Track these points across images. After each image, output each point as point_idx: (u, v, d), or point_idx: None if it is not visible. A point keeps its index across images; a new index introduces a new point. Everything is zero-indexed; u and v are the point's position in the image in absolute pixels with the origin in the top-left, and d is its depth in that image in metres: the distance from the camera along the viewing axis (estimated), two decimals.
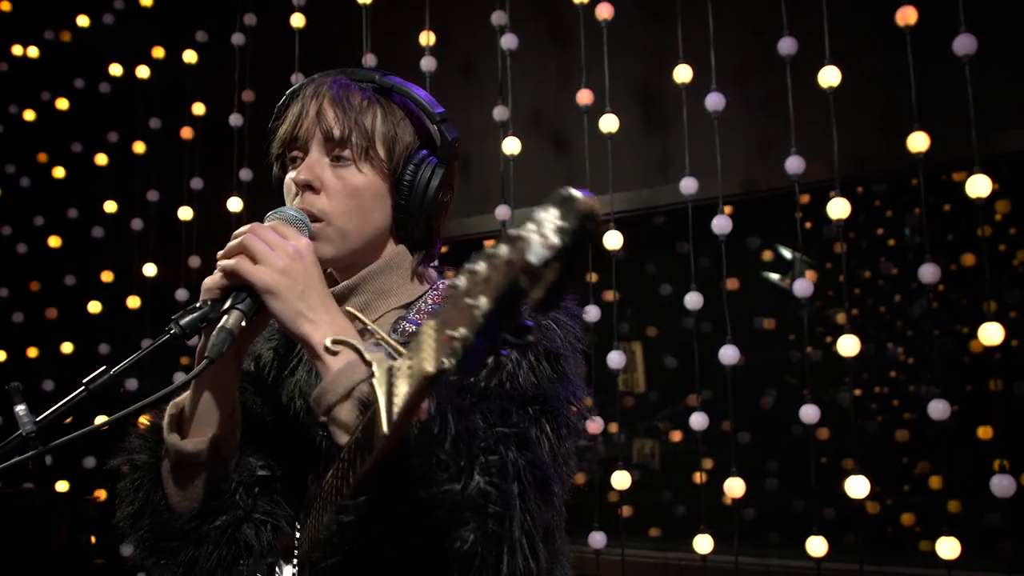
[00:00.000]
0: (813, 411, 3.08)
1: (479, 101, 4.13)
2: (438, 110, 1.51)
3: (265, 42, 4.51)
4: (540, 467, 1.24)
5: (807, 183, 3.29)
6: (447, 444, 1.16)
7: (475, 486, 1.16)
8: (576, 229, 0.72)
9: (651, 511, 4.24)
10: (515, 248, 0.76)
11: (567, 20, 3.97)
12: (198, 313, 1.29)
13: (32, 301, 5.24)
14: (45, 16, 5.43)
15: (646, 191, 3.88)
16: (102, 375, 1.24)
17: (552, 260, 0.73)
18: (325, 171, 1.46)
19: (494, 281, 0.78)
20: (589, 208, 0.72)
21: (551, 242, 0.72)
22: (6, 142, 5.50)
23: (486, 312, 0.79)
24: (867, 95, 3.38)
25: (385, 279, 1.52)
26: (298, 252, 1.31)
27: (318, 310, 1.29)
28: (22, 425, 1.18)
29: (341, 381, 1.24)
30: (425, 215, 1.51)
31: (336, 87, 1.49)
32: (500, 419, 1.24)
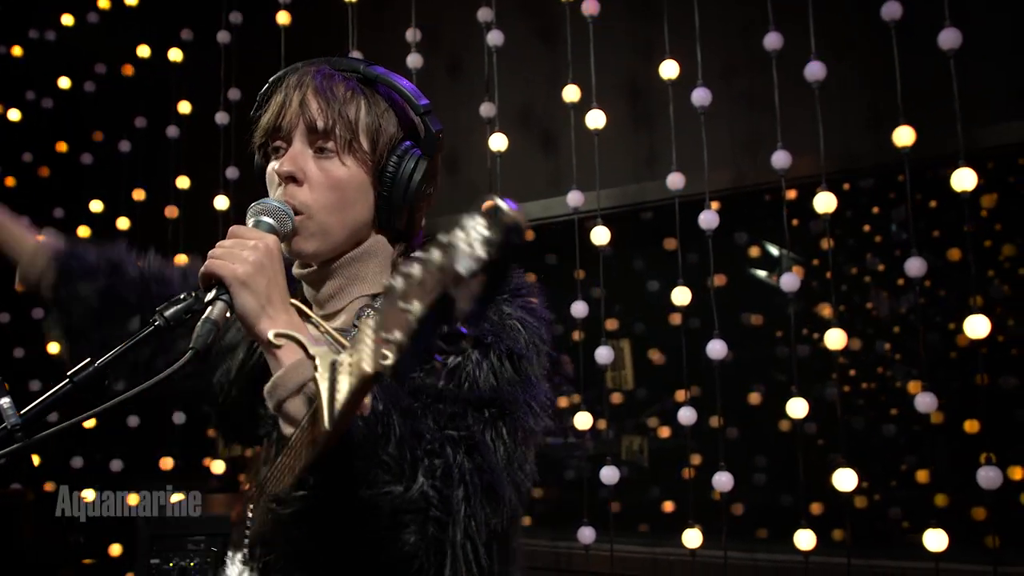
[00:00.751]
0: (801, 406, 3.09)
1: (466, 98, 4.12)
2: (422, 102, 1.51)
3: (251, 40, 4.50)
4: (489, 471, 1.24)
5: (794, 178, 3.29)
6: (391, 446, 1.17)
7: (417, 489, 1.17)
8: (501, 242, 0.72)
9: (640, 507, 4.24)
10: (446, 255, 0.76)
11: (553, 17, 3.97)
12: (182, 304, 1.30)
13: (18, 301, 5.21)
14: (30, 15, 5.40)
15: (633, 187, 3.89)
16: (86, 367, 1.25)
17: (477, 271, 0.74)
18: (308, 162, 1.46)
19: (428, 286, 0.80)
20: (514, 221, 0.73)
21: (477, 253, 0.73)
22: None
23: (419, 317, 0.80)
24: (853, 90, 3.39)
25: (362, 266, 1.52)
26: (268, 249, 1.32)
27: (278, 307, 1.30)
28: (6, 418, 1.18)
29: (292, 376, 1.25)
30: (407, 207, 1.50)
31: (320, 77, 1.48)
32: (451, 422, 1.25)
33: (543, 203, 4.03)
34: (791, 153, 3.19)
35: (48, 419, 1.22)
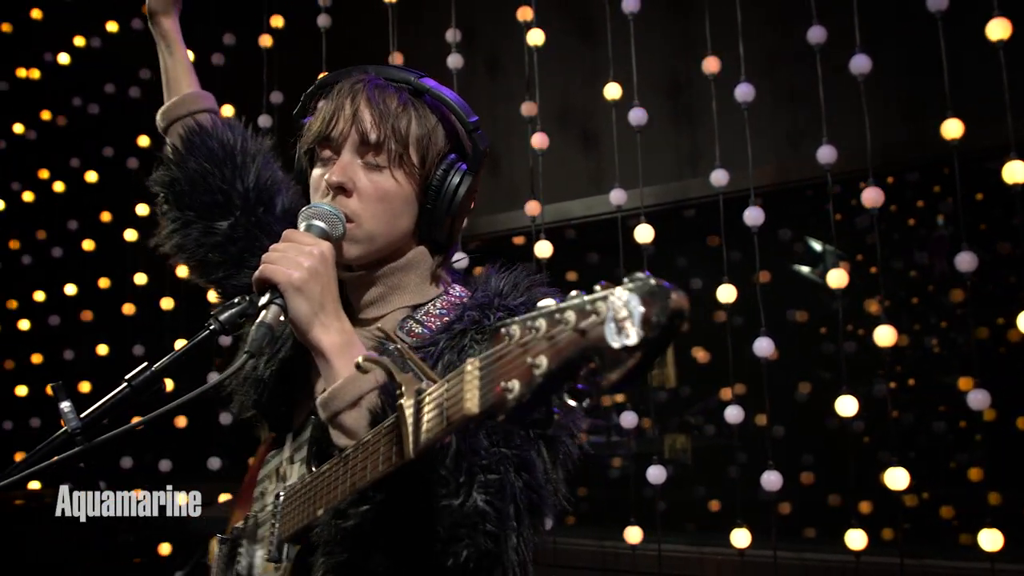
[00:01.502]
0: (850, 404, 3.05)
1: (506, 97, 4.12)
2: (472, 119, 1.51)
3: (292, 43, 4.53)
4: (536, 491, 1.26)
5: (839, 173, 3.25)
6: (448, 461, 1.18)
7: (472, 504, 1.18)
8: (665, 326, 0.72)
9: (686, 505, 4.22)
10: (586, 319, 0.77)
11: (593, 14, 3.95)
12: (237, 308, 1.32)
13: (67, 304, 5.30)
14: (75, 22, 5.48)
15: (675, 184, 3.86)
16: (143, 372, 1.26)
17: (634, 349, 0.73)
18: (358, 173, 1.46)
19: (559, 346, 0.80)
20: (680, 307, 0.73)
21: (636, 331, 0.72)
22: (39, 147, 5.56)
23: (546, 373, 0.81)
24: (898, 82, 3.34)
25: (403, 276, 1.53)
26: (322, 256, 1.33)
27: (331, 315, 1.33)
28: (67, 422, 1.20)
29: (350, 389, 1.27)
30: (450, 219, 1.52)
31: (372, 88, 1.47)
32: (503, 440, 1.25)
33: (584, 201, 4.02)
34: (836, 147, 3.16)
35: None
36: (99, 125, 5.31)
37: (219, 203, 1.66)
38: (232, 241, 1.66)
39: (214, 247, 1.66)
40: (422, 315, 1.50)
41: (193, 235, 1.67)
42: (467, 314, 1.39)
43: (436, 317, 1.48)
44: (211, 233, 1.66)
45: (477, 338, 1.35)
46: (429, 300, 1.53)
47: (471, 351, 1.34)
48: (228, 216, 1.66)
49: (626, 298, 0.74)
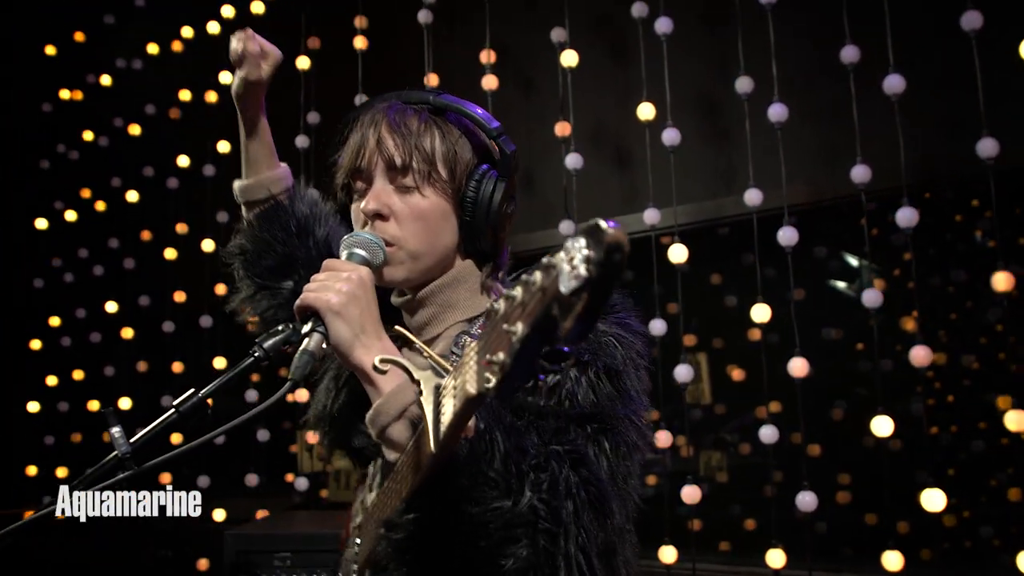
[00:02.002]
0: (885, 424, 3.04)
1: (540, 118, 4.15)
2: (494, 125, 1.53)
3: (329, 65, 4.59)
4: (595, 484, 1.24)
5: (873, 191, 3.24)
6: (496, 462, 1.18)
7: (526, 503, 1.17)
8: (603, 260, 0.72)
9: (721, 524, 4.20)
10: (548, 276, 0.77)
11: (626, 35, 3.97)
12: (280, 336, 1.35)
13: (108, 321, 5.39)
14: (117, 44, 5.59)
15: (709, 203, 3.87)
16: (191, 398, 1.30)
17: (580, 290, 0.74)
18: (391, 198, 1.49)
19: (529, 308, 0.80)
20: (616, 240, 0.73)
21: (579, 272, 0.73)
22: (81, 168, 5.67)
23: (522, 338, 0.81)
24: (932, 100, 3.32)
25: (452, 292, 1.55)
26: (360, 280, 1.36)
27: (372, 336, 1.34)
28: (117, 446, 1.23)
29: (393, 402, 1.29)
30: (491, 228, 1.53)
31: (392, 113, 1.51)
32: (555, 437, 1.26)
33: (618, 220, 4.02)
34: (870, 166, 3.15)
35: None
36: (140, 145, 5.39)
37: (283, 266, 1.75)
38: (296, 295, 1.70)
39: (281, 306, 1.75)
40: (476, 328, 1.51)
41: (264, 301, 1.77)
42: (490, 307, 1.40)
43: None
44: (277, 295, 1.75)
45: None
46: (482, 312, 1.55)
47: None
48: (291, 275, 1.75)
49: (573, 244, 0.75)
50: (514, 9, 4.35)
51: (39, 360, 5.54)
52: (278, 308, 1.75)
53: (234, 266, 1.81)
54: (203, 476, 4.70)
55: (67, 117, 5.77)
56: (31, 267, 5.68)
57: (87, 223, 5.60)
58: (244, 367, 1.32)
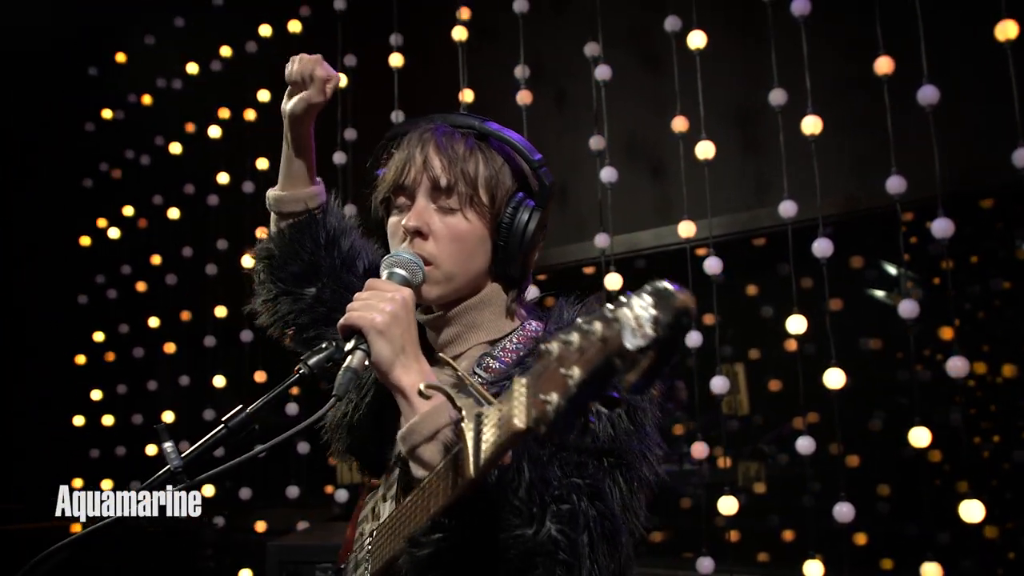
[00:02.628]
0: (923, 435, 3.03)
1: (573, 130, 4.18)
2: (536, 156, 1.57)
3: (365, 81, 4.65)
4: (610, 519, 1.29)
5: (908, 201, 3.24)
6: (521, 491, 1.23)
7: (546, 533, 1.22)
8: (671, 324, 0.77)
9: (758, 535, 4.19)
10: (610, 328, 0.82)
11: (659, 48, 3.99)
12: (324, 353, 1.39)
13: (151, 337, 5.47)
14: (157, 65, 5.69)
15: (744, 214, 3.87)
16: (239, 414, 1.34)
17: (647, 349, 0.78)
18: (432, 217, 1.53)
19: (588, 355, 0.85)
20: (684, 305, 0.78)
21: (646, 332, 0.77)
22: (125, 186, 5.77)
23: (579, 383, 0.86)
24: (967, 110, 3.31)
25: (478, 314, 1.59)
26: (403, 302, 1.40)
27: (411, 357, 1.39)
28: (169, 461, 1.28)
29: (427, 423, 1.33)
30: (522, 255, 1.57)
31: (440, 135, 1.56)
32: (576, 470, 1.29)
33: (653, 232, 4.05)
34: (905, 176, 3.15)
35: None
36: (181, 163, 5.49)
37: (307, 274, 1.78)
38: (320, 302, 1.77)
39: (302, 311, 1.79)
40: (499, 351, 1.55)
41: (283, 307, 1.80)
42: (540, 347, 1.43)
43: (512, 352, 1.54)
44: (299, 299, 1.79)
45: None
46: (505, 335, 1.59)
47: None
48: (315, 283, 1.78)
49: (638, 303, 0.79)
50: (547, 24, 4.38)
51: (84, 375, 5.64)
52: (299, 313, 1.78)
53: (257, 268, 1.85)
54: (245, 488, 4.76)
55: (109, 136, 5.88)
56: (76, 284, 5.79)
57: (130, 240, 5.69)
58: (290, 383, 1.37)
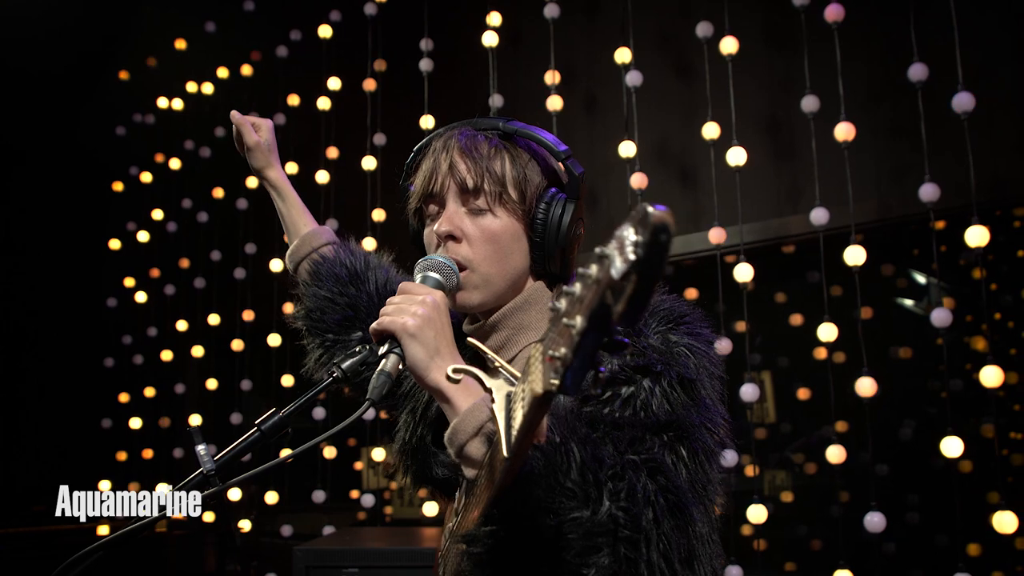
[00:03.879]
0: (955, 445, 3.00)
1: (604, 137, 4.18)
2: (562, 148, 1.55)
3: (395, 87, 4.67)
4: (674, 492, 1.24)
5: (942, 209, 3.21)
6: (573, 472, 1.19)
7: (605, 512, 1.18)
8: (649, 241, 0.75)
9: (786, 544, 4.16)
10: (602, 266, 0.79)
11: (690, 55, 3.99)
12: (358, 357, 1.40)
13: (179, 340, 5.50)
14: (188, 69, 5.74)
15: (774, 221, 3.85)
16: (272, 416, 1.33)
17: (628, 272, 0.75)
18: (464, 221, 1.53)
19: (587, 300, 0.82)
20: (662, 220, 0.75)
21: (627, 256, 0.75)
22: (153, 189, 5.81)
23: (581, 330, 0.82)
24: (1001, 118, 3.29)
25: (524, 315, 1.57)
26: (435, 304, 1.39)
27: (447, 359, 1.37)
28: (203, 463, 1.27)
29: (470, 420, 1.31)
30: (560, 250, 1.55)
31: (463, 138, 1.55)
32: (631, 447, 1.26)
33: (683, 239, 4.03)
34: (939, 184, 3.12)
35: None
36: (210, 168, 5.53)
37: (349, 318, 1.80)
38: (366, 343, 1.74)
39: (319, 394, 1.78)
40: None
41: (337, 357, 1.79)
42: (551, 305, 1.42)
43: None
44: (348, 345, 1.80)
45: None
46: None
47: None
48: (359, 327, 1.80)
49: (621, 231, 0.77)
50: (578, 30, 4.38)
51: (112, 377, 5.68)
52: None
53: (303, 332, 1.88)
54: (271, 492, 4.77)
55: (140, 140, 5.93)
56: (105, 287, 5.84)
57: (159, 244, 5.74)
58: (324, 387, 1.38)
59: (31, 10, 5.52)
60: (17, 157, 5.81)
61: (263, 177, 1.97)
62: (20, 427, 5.82)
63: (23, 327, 5.85)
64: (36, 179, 5.94)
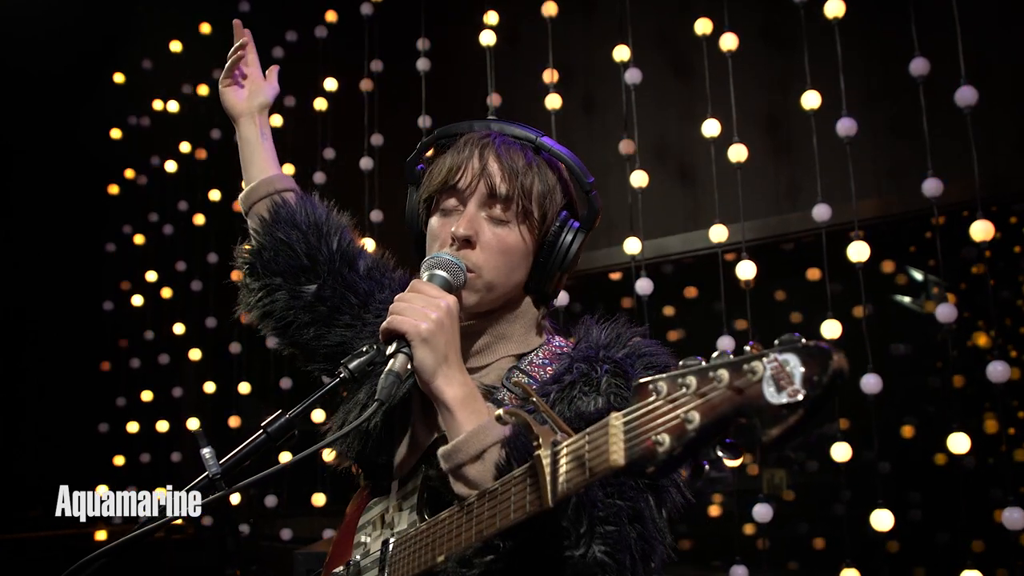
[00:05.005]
0: (962, 441, 2.98)
1: (603, 135, 4.17)
2: (590, 180, 1.56)
3: (392, 87, 4.65)
4: (648, 541, 1.28)
5: (944, 205, 3.20)
6: (570, 512, 1.21)
7: (592, 555, 1.21)
8: (827, 385, 0.75)
9: (788, 543, 4.15)
10: (742, 377, 0.81)
11: (689, 52, 3.97)
12: (365, 357, 1.37)
13: (176, 343, 5.48)
14: (183, 71, 5.71)
15: (775, 219, 3.84)
16: (278, 419, 1.32)
17: (796, 407, 0.77)
18: (483, 226, 1.51)
19: (712, 401, 0.84)
20: (841, 367, 0.76)
21: (796, 389, 0.75)
22: (150, 193, 5.79)
23: (699, 428, 0.85)
24: (1004, 113, 3.28)
25: (510, 326, 1.58)
26: (449, 309, 1.38)
27: (454, 367, 1.37)
28: (208, 467, 1.25)
29: (474, 442, 1.31)
30: (559, 274, 1.58)
31: (500, 144, 1.54)
32: (616, 491, 1.27)
33: (682, 237, 4.02)
34: (941, 179, 3.11)
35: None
36: (206, 170, 5.50)
37: (305, 267, 1.69)
38: (321, 300, 1.69)
39: (303, 308, 1.69)
40: (526, 365, 1.54)
41: (280, 301, 1.70)
42: (575, 367, 1.42)
43: (539, 367, 1.53)
44: (298, 296, 1.69)
45: (585, 390, 1.39)
46: (532, 350, 1.58)
47: (580, 403, 1.37)
48: (315, 279, 1.69)
49: (785, 358, 0.77)
50: (576, 28, 4.37)
51: (109, 381, 5.66)
52: (298, 310, 1.69)
53: (244, 270, 1.79)
54: (270, 496, 4.75)
55: (136, 143, 5.90)
56: (101, 290, 5.81)
57: (155, 247, 5.71)
58: (331, 386, 1.35)
59: (24, 11, 5.49)
60: (12, 160, 5.77)
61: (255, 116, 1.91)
62: (17, 432, 5.78)
63: (20, 331, 5.81)
64: (32, 182, 5.90)
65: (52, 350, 5.87)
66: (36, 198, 5.91)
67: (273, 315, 1.73)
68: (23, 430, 5.78)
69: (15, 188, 5.89)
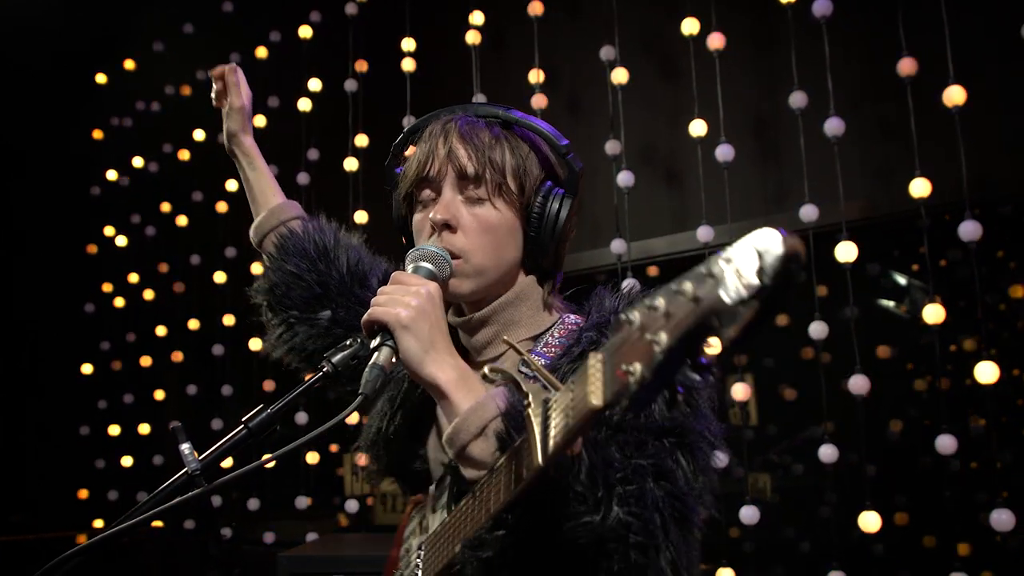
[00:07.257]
0: (948, 442, 2.97)
1: (589, 136, 4.14)
2: (563, 142, 1.52)
3: (377, 87, 4.62)
4: (679, 499, 1.22)
5: (932, 206, 3.19)
6: (582, 475, 1.16)
7: (615, 517, 1.15)
8: (779, 271, 0.70)
9: (773, 546, 4.14)
10: (702, 285, 0.75)
11: (676, 52, 3.96)
12: (349, 351, 1.33)
13: (158, 345, 5.43)
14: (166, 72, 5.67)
15: (761, 220, 3.82)
16: (259, 414, 1.28)
17: (750, 299, 0.71)
18: (460, 209, 1.48)
19: (677, 317, 0.77)
20: (793, 250, 0.70)
21: (750, 282, 0.71)
22: (132, 194, 5.74)
23: (666, 348, 0.78)
24: (992, 114, 3.27)
25: (515, 310, 1.53)
26: (429, 295, 1.34)
27: (443, 351, 1.33)
28: (187, 463, 1.20)
29: (473, 419, 1.26)
30: (554, 245, 1.52)
31: (463, 124, 1.51)
32: (636, 450, 1.22)
33: (669, 238, 4.00)
34: (929, 180, 3.10)
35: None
36: (189, 171, 5.45)
37: (318, 295, 1.72)
38: (336, 323, 1.71)
39: (321, 336, 1.72)
40: (541, 347, 1.49)
41: (300, 334, 1.74)
42: (584, 335, 1.38)
43: (556, 347, 1.48)
44: (315, 324, 1.72)
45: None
46: (545, 330, 1.53)
47: None
48: (328, 304, 1.72)
49: (737, 251, 0.72)
50: (562, 28, 4.35)
51: (90, 384, 5.59)
52: (316, 338, 1.72)
53: (263, 307, 1.81)
54: (253, 499, 4.70)
55: (118, 143, 5.85)
56: (83, 292, 5.74)
57: (137, 248, 5.66)
58: (313, 382, 1.31)
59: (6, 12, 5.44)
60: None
61: (237, 143, 1.90)
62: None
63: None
64: (13, 183, 5.84)
65: (33, 352, 5.81)
66: (17, 199, 5.85)
67: (295, 348, 1.75)
68: (2, 433, 5.72)
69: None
